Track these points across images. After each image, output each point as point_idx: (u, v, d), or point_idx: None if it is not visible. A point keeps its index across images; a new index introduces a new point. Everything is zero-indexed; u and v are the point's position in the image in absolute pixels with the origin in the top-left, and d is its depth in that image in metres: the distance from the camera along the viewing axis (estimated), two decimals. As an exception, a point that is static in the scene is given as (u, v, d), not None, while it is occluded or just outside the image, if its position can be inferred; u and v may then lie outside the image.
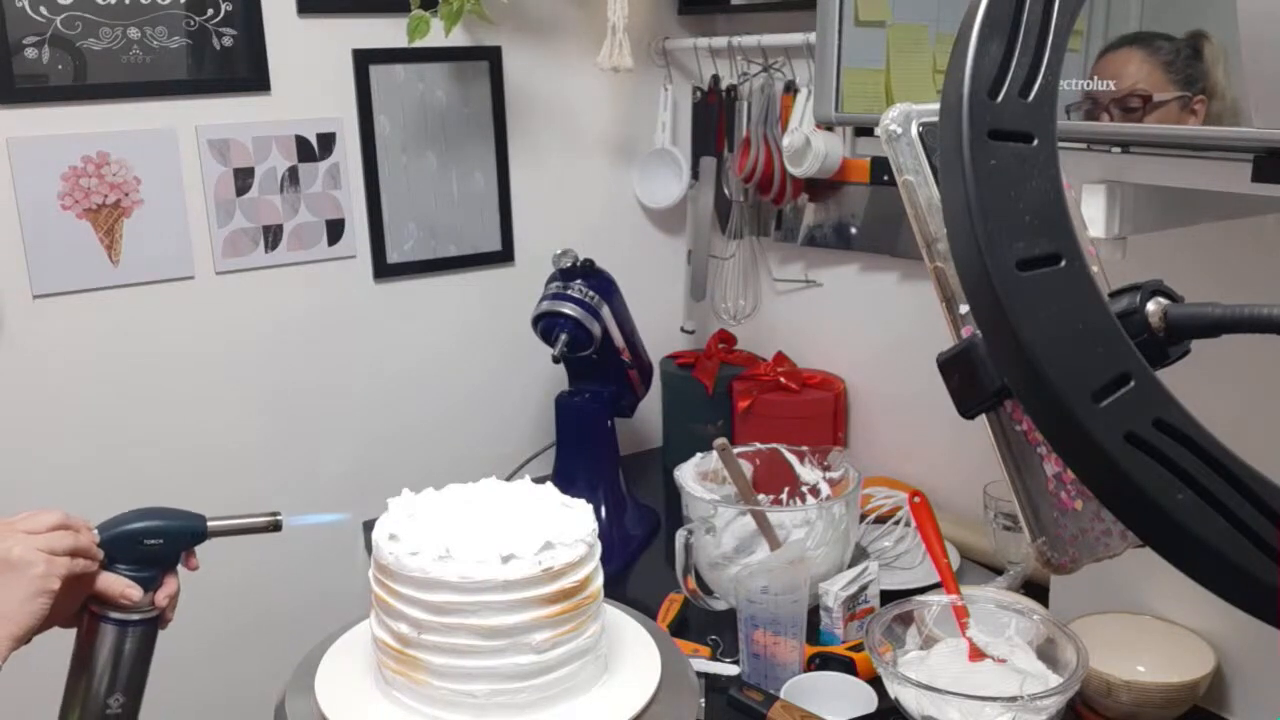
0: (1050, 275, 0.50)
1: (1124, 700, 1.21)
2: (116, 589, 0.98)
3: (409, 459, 1.98)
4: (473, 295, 2.01)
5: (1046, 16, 0.53)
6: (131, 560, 1.00)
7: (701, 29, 2.09)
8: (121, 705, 1.02)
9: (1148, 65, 0.87)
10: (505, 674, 0.94)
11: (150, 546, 1.00)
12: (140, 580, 1.00)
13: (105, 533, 0.99)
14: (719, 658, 1.41)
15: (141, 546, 1.00)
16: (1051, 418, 0.50)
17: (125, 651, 1.01)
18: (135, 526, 1.00)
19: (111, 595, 0.98)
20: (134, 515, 1.01)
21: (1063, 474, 0.61)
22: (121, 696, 1.02)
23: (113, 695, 1.01)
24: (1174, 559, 0.50)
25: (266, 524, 1.08)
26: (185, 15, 1.67)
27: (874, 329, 1.91)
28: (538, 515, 1.02)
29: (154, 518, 1.01)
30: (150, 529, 1.00)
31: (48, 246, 1.63)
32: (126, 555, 0.99)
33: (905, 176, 0.67)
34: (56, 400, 1.68)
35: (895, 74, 1.11)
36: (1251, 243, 1.11)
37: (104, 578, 0.98)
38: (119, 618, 1.00)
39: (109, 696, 1.01)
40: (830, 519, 1.47)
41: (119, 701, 1.02)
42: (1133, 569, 0.91)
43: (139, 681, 1.03)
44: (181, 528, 1.02)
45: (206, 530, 1.04)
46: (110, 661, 1.01)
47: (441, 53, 1.86)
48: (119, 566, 0.99)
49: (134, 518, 1.01)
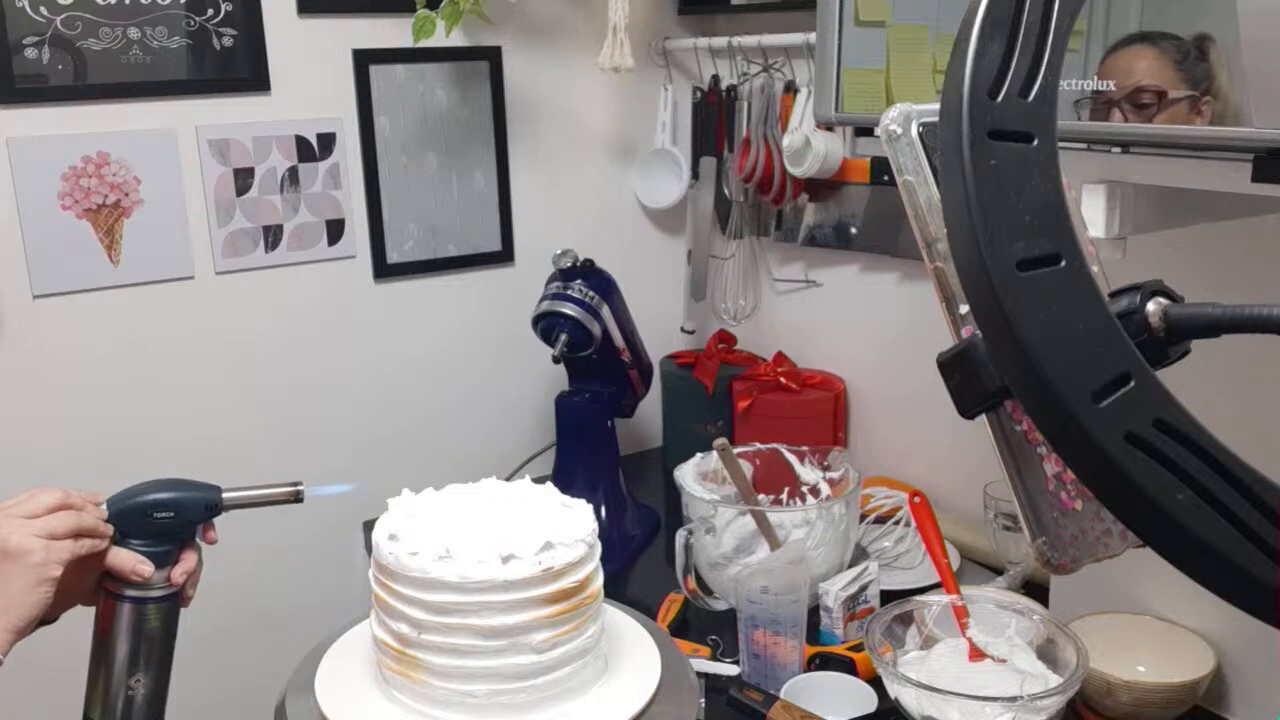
0: (1050, 275, 0.50)
1: (1124, 700, 1.21)
2: (128, 565, 0.93)
3: (409, 459, 1.98)
4: (473, 295, 2.01)
5: (1046, 16, 0.53)
6: (144, 535, 0.95)
7: (701, 29, 2.09)
8: (145, 686, 0.98)
9: (1159, 63, 0.87)
10: (505, 674, 0.94)
11: (162, 520, 0.95)
12: (154, 555, 0.95)
13: (114, 506, 0.94)
14: (719, 658, 1.41)
15: (152, 520, 0.94)
16: (1051, 418, 0.50)
17: (144, 631, 0.97)
18: (144, 499, 0.95)
19: (123, 572, 0.93)
20: (146, 487, 0.96)
21: (1063, 474, 0.61)
22: (143, 677, 0.97)
23: (133, 676, 0.97)
24: (1174, 559, 0.50)
25: (288, 494, 1.01)
26: (185, 15, 1.67)
27: (874, 329, 1.91)
28: (538, 515, 1.02)
29: (166, 489, 0.96)
30: (161, 501, 0.95)
31: (48, 246, 1.63)
32: (138, 529, 0.95)
33: (905, 176, 0.67)
34: (56, 400, 1.68)
35: (895, 74, 1.11)
36: (1251, 243, 1.11)
37: (115, 554, 0.93)
38: (134, 595, 0.95)
39: (130, 678, 0.97)
40: (830, 519, 1.47)
41: (140, 682, 0.97)
42: (1133, 569, 0.91)
43: (162, 662, 0.99)
44: (194, 499, 0.96)
45: (222, 502, 0.98)
46: (128, 641, 0.96)
47: (442, 53, 1.86)
48: (131, 542, 0.94)
49: (145, 489, 0.96)
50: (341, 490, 1.12)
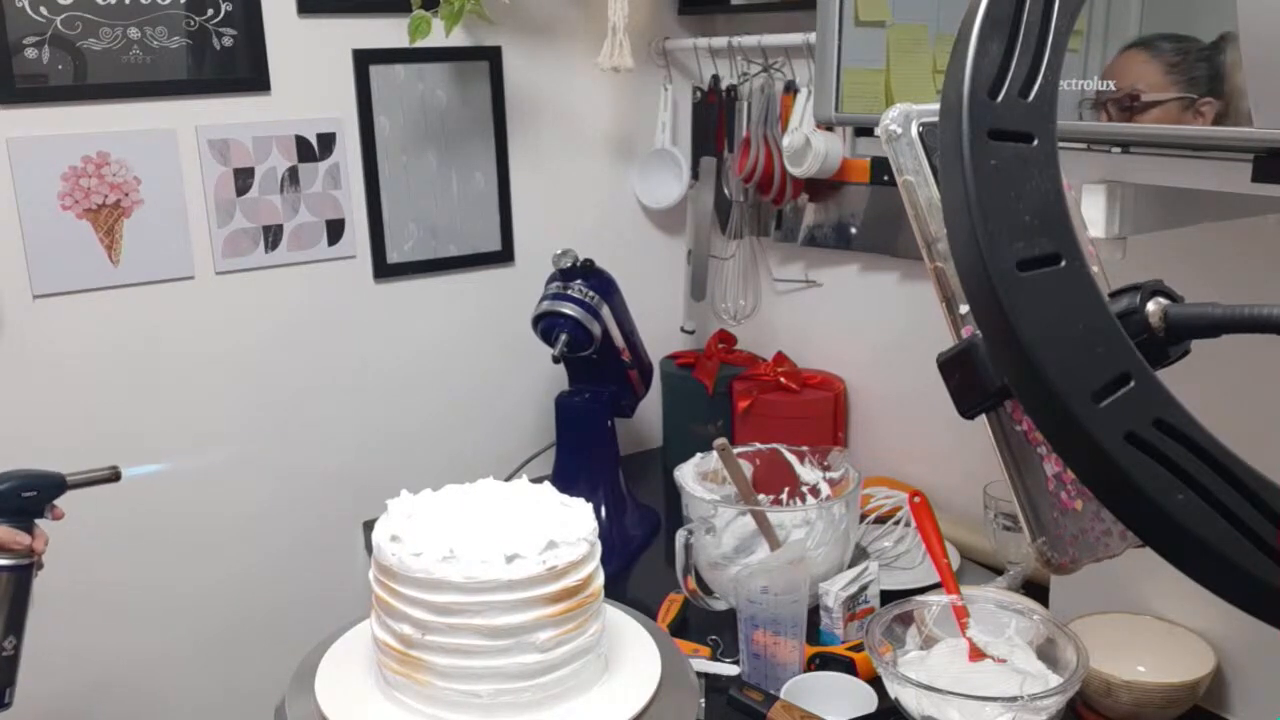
0: (1050, 275, 0.50)
1: (1124, 700, 1.21)
2: (8, 536, 1.15)
3: (408, 459, 1.98)
4: (473, 295, 2.01)
5: (1046, 16, 0.53)
6: (8, 513, 1.17)
7: (701, 29, 2.09)
8: (14, 648, 1.18)
9: (1150, 66, 0.87)
10: (510, 673, 0.94)
11: (27, 498, 1.18)
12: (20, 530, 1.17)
13: None
14: (719, 658, 1.41)
15: (20, 499, 1.17)
16: (1051, 418, 0.50)
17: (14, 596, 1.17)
18: (12, 483, 1.18)
19: (4, 542, 1.15)
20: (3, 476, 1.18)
21: (1063, 474, 0.61)
22: (14, 639, 1.17)
23: (7, 638, 1.17)
24: (1174, 559, 0.50)
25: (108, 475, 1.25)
26: (185, 15, 1.67)
27: (874, 329, 1.91)
28: (538, 515, 1.02)
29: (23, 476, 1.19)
30: (25, 483, 1.18)
31: (48, 246, 1.63)
32: (6, 508, 1.16)
33: (905, 176, 0.67)
34: (56, 400, 1.68)
35: (895, 74, 1.11)
36: (1251, 243, 1.11)
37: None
38: (5, 563, 1.16)
39: (4, 639, 1.17)
40: (830, 519, 1.47)
41: (11, 644, 1.17)
42: (1133, 569, 0.92)
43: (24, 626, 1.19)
44: (50, 480, 1.20)
45: (66, 482, 1.21)
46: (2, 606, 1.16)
47: (442, 53, 1.86)
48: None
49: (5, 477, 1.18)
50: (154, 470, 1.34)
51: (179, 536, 1.80)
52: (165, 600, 1.81)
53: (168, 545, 1.79)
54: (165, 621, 1.81)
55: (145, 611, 1.79)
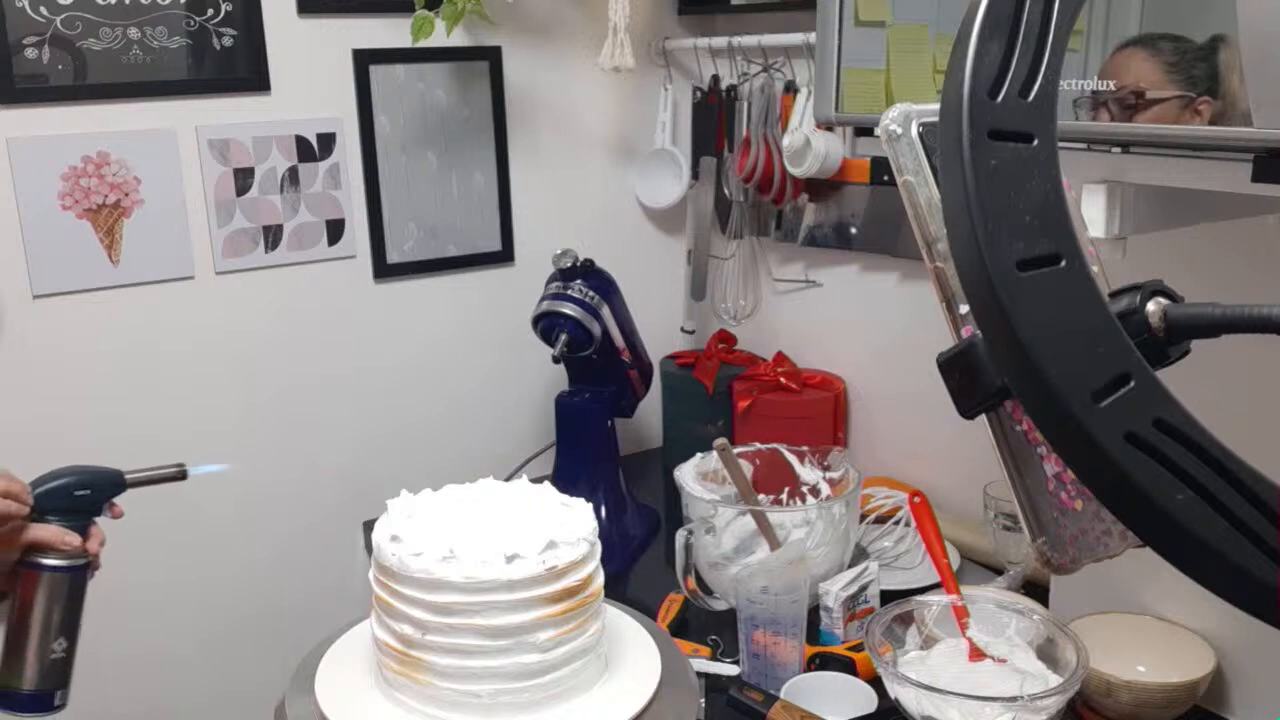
0: (1050, 275, 0.50)
1: (1124, 700, 1.21)
2: (56, 537, 1.08)
3: (408, 459, 1.98)
4: (472, 295, 2.01)
5: (1046, 16, 0.53)
6: (62, 512, 1.10)
7: (701, 29, 2.09)
8: (65, 649, 1.11)
9: (1149, 64, 0.87)
10: (510, 673, 0.94)
11: (80, 497, 1.11)
12: (72, 529, 1.10)
13: (38, 488, 1.09)
14: (719, 658, 1.41)
15: (73, 497, 1.10)
16: (1051, 418, 0.50)
17: (65, 596, 1.10)
18: (66, 480, 1.11)
19: (52, 542, 1.08)
20: (59, 472, 1.12)
21: (1063, 474, 0.61)
22: (65, 641, 1.11)
23: (57, 640, 1.10)
24: (1174, 559, 0.50)
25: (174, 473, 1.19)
26: (185, 15, 1.67)
27: (874, 329, 1.91)
28: (538, 514, 1.02)
29: (79, 473, 1.12)
30: (80, 480, 1.11)
31: (48, 246, 1.63)
32: (59, 506, 1.09)
33: (905, 176, 0.67)
34: (56, 400, 1.68)
35: (895, 74, 1.11)
36: (1251, 243, 1.11)
37: (39, 529, 1.07)
38: (57, 564, 1.09)
39: (54, 640, 1.10)
40: (830, 519, 1.47)
41: (62, 646, 1.10)
42: (1133, 569, 0.91)
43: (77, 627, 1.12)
44: (106, 477, 1.13)
45: (125, 480, 1.14)
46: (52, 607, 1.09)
47: (442, 53, 1.86)
48: (50, 518, 1.08)
49: (62, 473, 1.12)
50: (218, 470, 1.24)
51: (179, 536, 1.80)
52: (165, 599, 1.81)
53: (168, 544, 1.79)
54: (165, 621, 1.81)
55: (145, 611, 1.79)
